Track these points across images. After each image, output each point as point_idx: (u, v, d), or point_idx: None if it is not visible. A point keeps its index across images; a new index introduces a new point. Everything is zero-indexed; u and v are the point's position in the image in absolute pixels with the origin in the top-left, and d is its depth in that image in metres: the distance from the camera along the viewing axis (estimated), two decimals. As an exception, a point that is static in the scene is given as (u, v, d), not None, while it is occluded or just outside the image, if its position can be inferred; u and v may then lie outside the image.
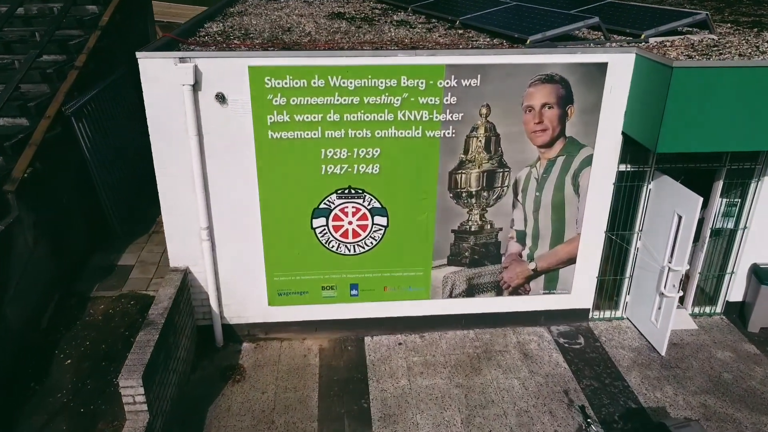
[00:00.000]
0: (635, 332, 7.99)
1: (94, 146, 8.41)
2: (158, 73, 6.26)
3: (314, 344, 7.71)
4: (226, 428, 6.35)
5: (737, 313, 8.31)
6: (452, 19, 8.81)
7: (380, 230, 7.29)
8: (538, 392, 6.97)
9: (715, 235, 7.98)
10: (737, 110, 6.19)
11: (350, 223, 7.21)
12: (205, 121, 6.51)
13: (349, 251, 7.37)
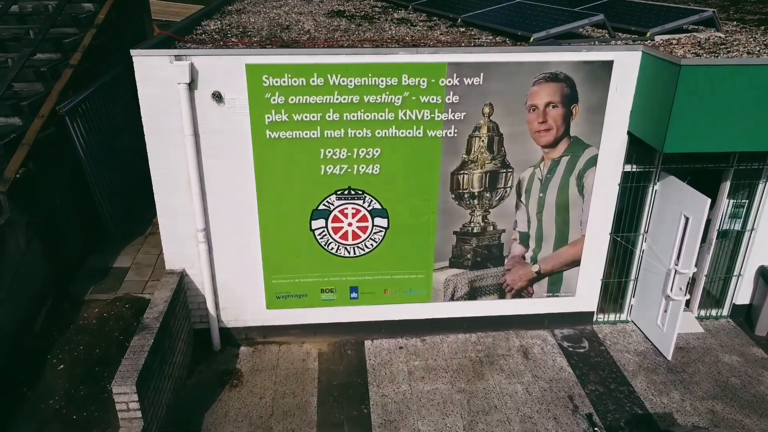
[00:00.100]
0: (640, 336, 7.84)
1: (89, 146, 8.25)
2: (153, 71, 6.13)
3: (313, 348, 7.57)
4: (222, 435, 6.21)
5: (744, 316, 8.18)
6: (454, 17, 8.68)
7: (381, 232, 7.15)
8: (542, 398, 6.83)
9: (721, 236, 7.84)
10: (746, 109, 6.05)
11: (350, 224, 7.08)
12: (201, 120, 6.39)
13: (348, 253, 7.23)
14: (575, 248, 7.47)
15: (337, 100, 6.40)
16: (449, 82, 6.44)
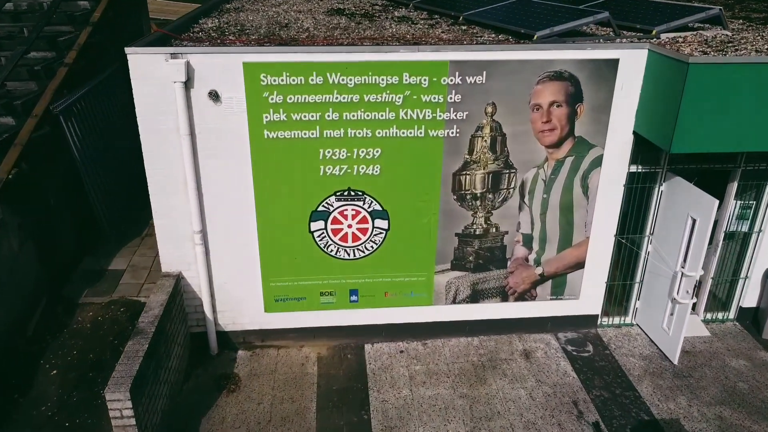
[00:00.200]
0: (645, 339, 7.70)
1: (84, 146, 8.11)
2: (148, 69, 6.00)
3: (312, 352, 7.43)
4: (219, 442, 6.08)
5: (751, 319, 8.04)
6: (455, 15, 8.54)
7: (381, 234, 7.01)
8: (545, 403, 6.68)
9: (728, 238, 7.70)
10: (756, 108, 5.92)
11: (350, 226, 6.94)
12: (197, 119, 6.25)
13: (348, 255, 7.09)
14: (579, 250, 7.33)
15: (336, 99, 6.26)
16: (451, 80, 6.30)
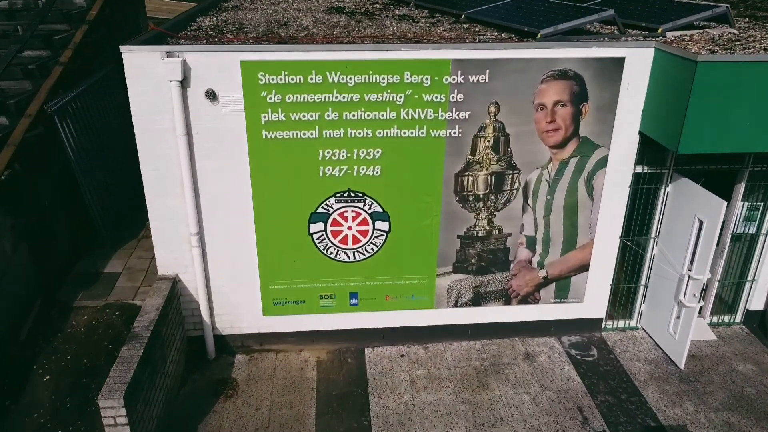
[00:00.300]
0: (651, 343, 7.57)
1: (79, 146, 7.98)
2: (144, 68, 5.87)
3: (311, 356, 7.29)
4: (216, 449, 5.94)
5: (758, 322, 7.90)
6: (457, 13, 8.40)
7: (382, 236, 6.88)
8: (549, 409, 6.55)
9: (735, 240, 7.57)
10: (766, 108, 5.78)
11: (350, 228, 6.81)
12: (194, 119, 6.11)
13: (348, 258, 6.96)
14: (584, 252, 7.20)
15: (336, 98, 6.12)
16: (453, 79, 6.17)
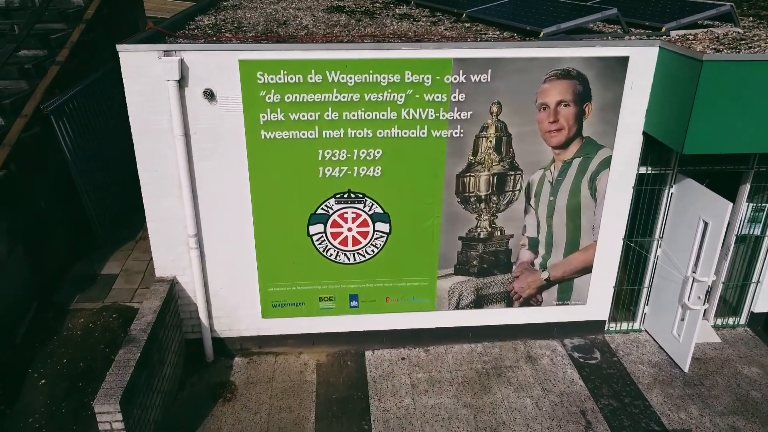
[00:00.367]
0: (654, 346, 7.48)
1: (76, 147, 7.89)
2: (141, 67, 5.78)
3: (311, 359, 7.21)
4: (214, 454, 5.85)
5: (762, 325, 7.81)
6: (458, 12, 8.33)
7: (382, 237, 6.80)
8: (552, 413, 6.46)
9: (739, 241, 7.48)
10: (772, 108, 5.70)
11: (350, 229, 6.73)
12: (192, 119, 6.03)
13: (348, 260, 6.88)
14: (587, 254, 7.11)
15: (336, 98, 6.04)
16: (455, 79, 6.09)
